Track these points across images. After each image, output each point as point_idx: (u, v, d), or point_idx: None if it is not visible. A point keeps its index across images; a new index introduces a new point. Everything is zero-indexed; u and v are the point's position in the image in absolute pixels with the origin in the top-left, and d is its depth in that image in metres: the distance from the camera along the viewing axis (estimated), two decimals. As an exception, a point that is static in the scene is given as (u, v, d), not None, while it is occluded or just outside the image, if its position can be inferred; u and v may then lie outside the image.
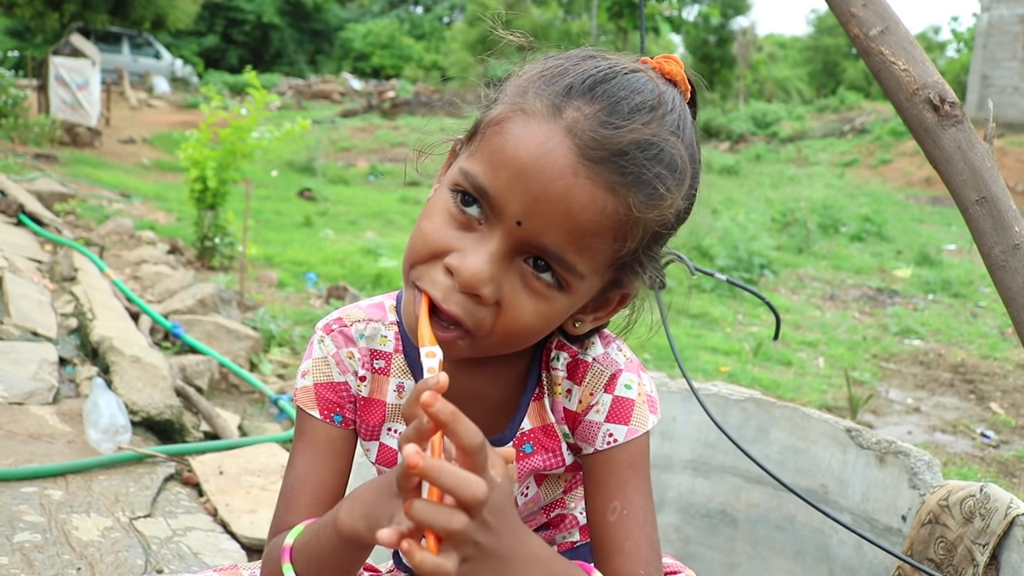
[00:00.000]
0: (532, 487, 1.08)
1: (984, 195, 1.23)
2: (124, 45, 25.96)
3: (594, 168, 0.81)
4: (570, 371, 1.03)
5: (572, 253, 0.84)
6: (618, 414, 1.01)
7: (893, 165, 16.41)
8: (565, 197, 0.81)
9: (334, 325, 1.07)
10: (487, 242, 0.84)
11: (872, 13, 1.27)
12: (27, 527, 1.96)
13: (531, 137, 0.82)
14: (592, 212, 0.81)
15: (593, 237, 0.83)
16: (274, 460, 2.58)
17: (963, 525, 1.47)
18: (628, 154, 0.81)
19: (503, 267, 0.84)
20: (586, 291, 0.89)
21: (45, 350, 3.08)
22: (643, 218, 0.84)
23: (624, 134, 0.81)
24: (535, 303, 0.86)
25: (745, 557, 1.91)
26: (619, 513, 0.99)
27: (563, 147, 0.81)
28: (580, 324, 0.96)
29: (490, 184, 0.83)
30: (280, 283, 5.81)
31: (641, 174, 0.82)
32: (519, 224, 0.82)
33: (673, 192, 0.85)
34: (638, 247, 0.87)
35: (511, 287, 0.85)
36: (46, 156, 10.70)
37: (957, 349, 5.48)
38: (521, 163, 0.82)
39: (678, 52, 36.22)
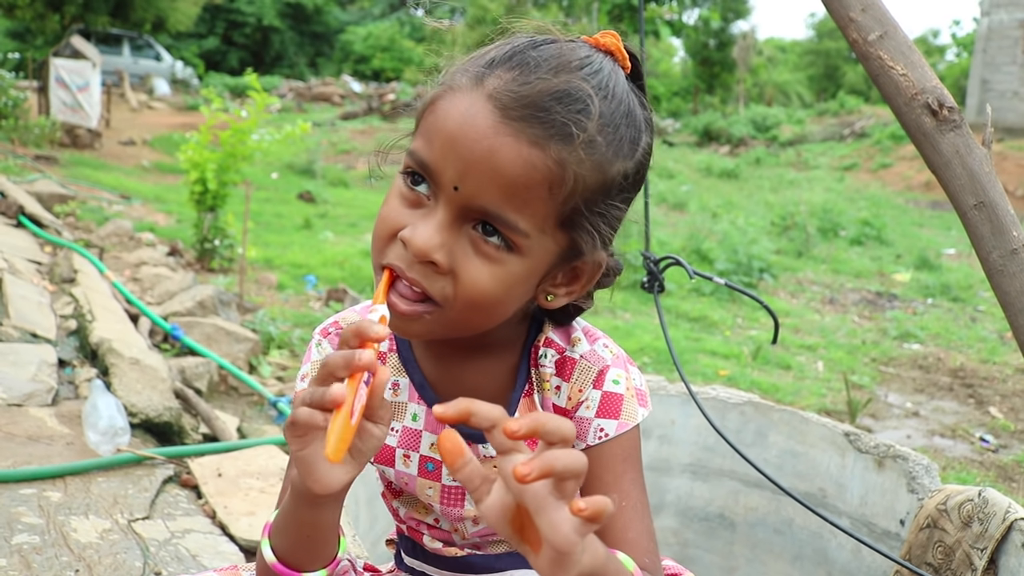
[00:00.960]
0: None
1: (982, 200, 1.23)
2: (125, 47, 25.96)
3: (515, 125, 0.84)
4: (558, 368, 1.05)
5: (511, 211, 0.86)
6: (608, 409, 1.03)
7: (893, 169, 16.42)
8: (491, 156, 0.84)
9: (330, 328, 1.11)
10: (434, 213, 0.88)
11: (871, 18, 1.27)
12: (25, 529, 1.95)
13: (456, 107, 0.87)
14: (520, 167, 0.84)
15: (527, 192, 0.85)
16: (273, 462, 2.58)
17: (961, 529, 1.47)
18: (546, 107, 0.84)
19: (452, 234, 0.88)
20: (539, 253, 0.90)
21: (44, 352, 3.08)
22: (575, 170, 0.86)
23: (539, 87, 0.85)
24: (489, 267, 0.89)
25: (743, 561, 1.91)
26: (618, 505, 1.01)
27: (484, 111, 0.86)
28: (552, 297, 0.97)
29: (427, 156, 0.88)
30: (280, 285, 5.82)
31: (564, 126, 0.84)
32: (456, 189, 0.86)
33: (601, 143, 0.87)
34: (580, 203, 0.88)
35: (463, 253, 0.88)
36: (46, 158, 10.70)
37: (956, 353, 5.48)
38: (449, 132, 0.87)
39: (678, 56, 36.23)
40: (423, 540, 1.15)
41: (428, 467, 1.08)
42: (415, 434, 1.08)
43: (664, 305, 6.39)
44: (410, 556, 1.19)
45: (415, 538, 1.16)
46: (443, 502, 1.09)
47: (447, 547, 1.14)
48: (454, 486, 1.08)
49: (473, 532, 1.11)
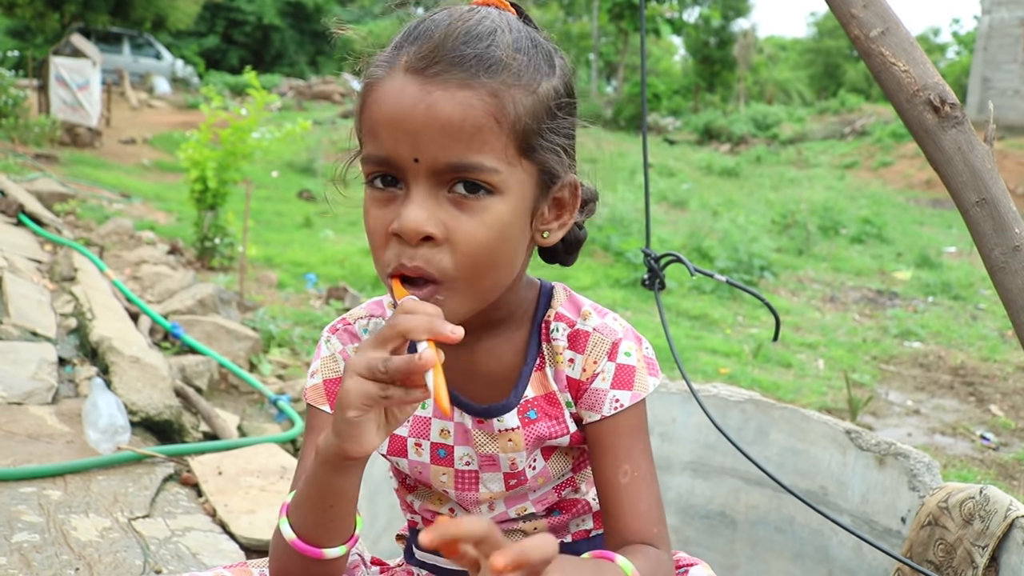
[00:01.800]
0: (539, 460, 1.10)
1: (984, 196, 1.23)
2: (125, 45, 25.94)
3: (439, 79, 0.89)
4: (571, 341, 1.07)
5: (472, 154, 0.89)
6: (622, 380, 1.05)
7: (893, 167, 16.40)
8: (432, 114, 0.88)
9: (339, 325, 1.13)
10: (409, 195, 0.91)
11: (872, 14, 1.27)
12: (25, 527, 1.95)
13: (383, 94, 0.92)
14: (460, 111, 0.88)
15: (478, 131, 0.89)
16: (273, 461, 2.58)
17: (962, 527, 1.47)
18: (458, 51, 0.90)
19: (434, 203, 0.91)
20: (516, 186, 0.93)
21: (44, 350, 3.08)
22: (507, 93, 0.90)
23: (445, 41, 0.90)
24: (479, 218, 0.91)
25: (744, 559, 1.90)
26: (630, 476, 1.05)
27: (407, 81, 0.90)
28: (548, 234, 1.01)
29: (379, 150, 0.92)
30: (280, 284, 5.81)
31: (479, 61, 0.90)
32: (417, 161, 0.90)
33: (519, 65, 0.92)
34: (529, 124, 0.92)
35: (451, 216, 0.91)
36: (46, 156, 10.70)
37: (957, 351, 5.48)
38: (386, 116, 0.91)
39: (679, 54, 36.21)
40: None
41: (440, 453, 1.10)
42: (425, 422, 1.10)
43: (665, 303, 6.40)
44: (421, 549, 1.19)
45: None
46: (457, 487, 1.10)
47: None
48: (467, 470, 1.09)
49: (490, 518, 1.11)
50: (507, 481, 1.10)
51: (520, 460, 1.08)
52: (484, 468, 1.09)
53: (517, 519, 1.14)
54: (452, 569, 1.17)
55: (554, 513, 1.16)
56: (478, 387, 1.08)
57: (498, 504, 1.12)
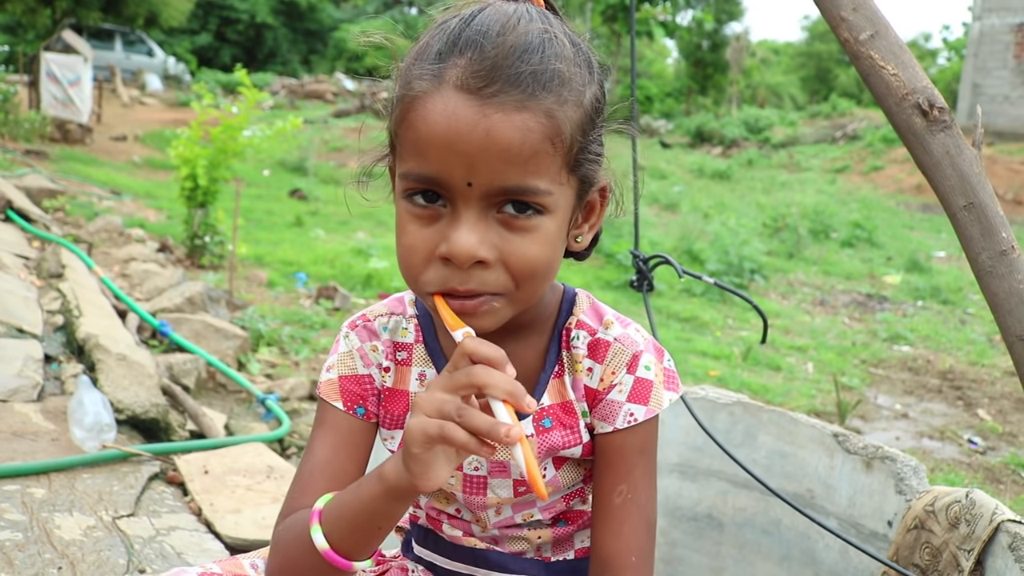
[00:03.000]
0: (551, 469, 1.09)
1: (972, 201, 1.23)
2: (117, 42, 25.84)
3: (496, 100, 0.86)
4: (591, 350, 1.06)
5: (530, 178, 0.88)
6: (639, 394, 1.04)
7: (884, 172, 16.46)
8: (490, 138, 0.85)
9: (358, 321, 1.12)
10: (458, 217, 0.89)
11: (862, 17, 1.27)
12: (8, 525, 1.94)
13: (433, 112, 0.87)
14: (519, 134, 0.86)
15: (534, 155, 0.87)
16: (260, 460, 2.57)
17: (949, 531, 1.47)
18: (513, 69, 0.86)
19: (484, 226, 0.89)
20: (564, 203, 0.93)
21: (30, 347, 3.06)
22: (561, 112, 0.88)
23: (496, 56, 0.86)
24: (531, 237, 0.90)
25: (731, 561, 1.90)
26: (624, 497, 1.04)
27: (461, 101, 0.86)
28: (580, 239, 1.01)
29: (428, 170, 0.89)
30: (270, 282, 5.79)
31: (535, 79, 0.87)
32: (470, 185, 0.87)
33: (568, 78, 0.89)
34: (577, 139, 0.91)
35: (502, 238, 0.90)
36: (36, 152, 10.64)
37: (945, 355, 5.50)
38: (438, 136, 0.87)
39: (671, 56, 36.29)
40: (442, 528, 1.15)
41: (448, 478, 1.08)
42: None
43: (655, 305, 6.41)
44: (421, 545, 1.19)
45: (434, 527, 1.17)
46: (465, 491, 1.09)
47: (466, 536, 1.14)
48: (476, 475, 1.08)
49: (495, 522, 1.12)
50: (516, 488, 1.09)
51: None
52: (494, 474, 1.08)
53: (522, 525, 1.13)
54: (449, 570, 1.16)
55: (560, 524, 1.15)
56: None
57: (505, 509, 1.11)
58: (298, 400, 3.50)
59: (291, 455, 2.89)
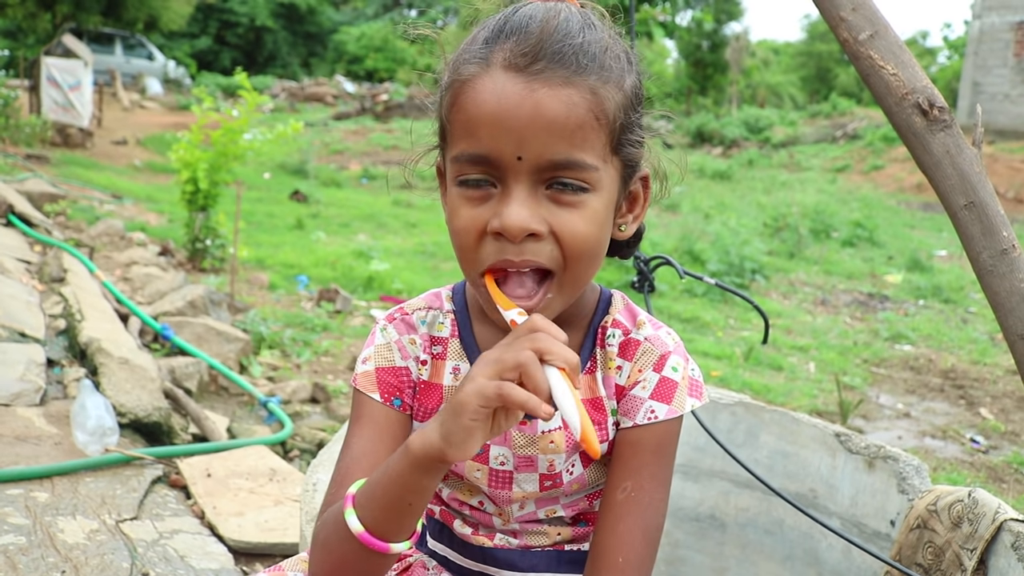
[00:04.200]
0: (578, 466, 1.09)
1: (972, 200, 1.23)
2: (117, 46, 25.85)
3: (542, 77, 0.90)
4: (622, 348, 1.08)
5: (577, 151, 0.92)
6: (662, 393, 1.05)
7: (885, 171, 16.45)
8: (538, 112, 0.90)
9: (396, 314, 1.13)
10: (509, 193, 0.93)
11: (861, 17, 1.27)
12: (12, 529, 1.94)
13: (482, 92, 0.92)
14: (565, 108, 0.90)
15: (581, 129, 0.91)
16: (262, 463, 2.57)
17: (951, 530, 1.47)
18: (557, 49, 0.91)
19: (535, 201, 0.92)
20: (609, 183, 0.97)
21: (33, 351, 3.06)
22: (604, 90, 0.93)
23: (541, 38, 0.91)
24: (579, 213, 0.94)
25: (734, 561, 1.90)
26: (627, 494, 1.03)
27: (510, 79, 0.91)
28: (625, 227, 1.05)
29: (479, 148, 0.92)
30: (271, 285, 5.80)
31: (577, 59, 0.92)
32: (520, 159, 0.91)
33: (609, 62, 0.94)
34: (619, 118, 0.96)
35: (552, 213, 0.93)
36: (37, 157, 10.65)
37: (947, 354, 5.49)
38: (489, 114, 0.91)
39: (671, 57, 36.27)
40: (453, 524, 1.15)
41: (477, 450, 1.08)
42: None
43: (656, 306, 6.40)
44: (435, 539, 1.20)
45: (446, 521, 1.17)
46: (491, 484, 1.10)
47: (476, 534, 1.14)
48: (502, 470, 1.09)
49: (518, 516, 1.12)
50: (542, 482, 1.09)
51: (559, 462, 1.08)
52: (520, 468, 1.09)
53: (544, 520, 1.13)
54: (462, 566, 1.16)
55: (581, 523, 1.15)
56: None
57: (528, 504, 1.12)
58: (300, 403, 3.50)
59: (293, 458, 2.89)
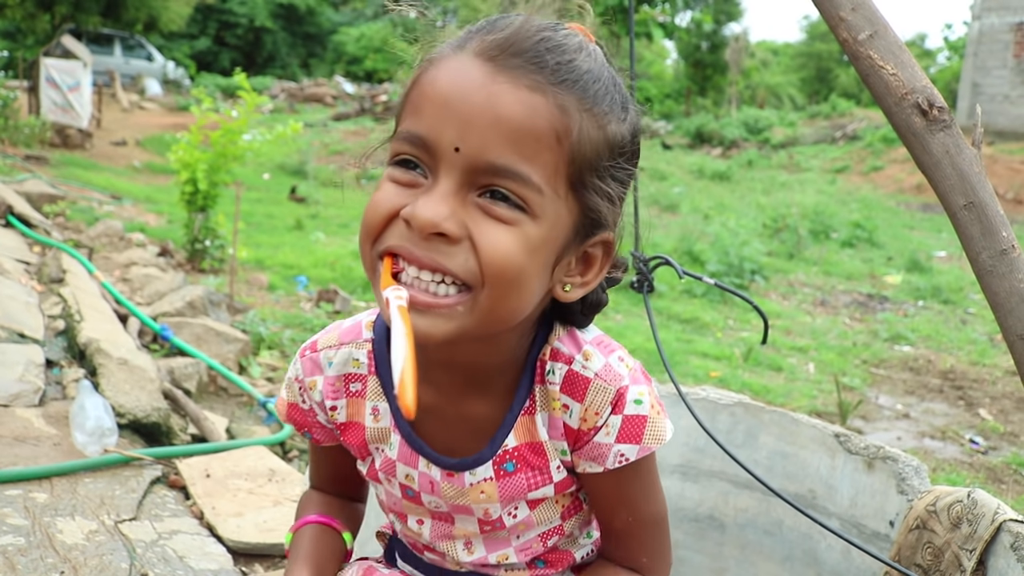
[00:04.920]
0: (523, 509, 1.02)
1: (972, 200, 1.23)
2: (116, 47, 25.86)
3: (510, 72, 0.80)
4: (568, 385, 0.95)
5: (520, 161, 0.80)
6: (629, 434, 0.95)
7: (884, 172, 16.46)
8: (491, 103, 0.79)
9: (307, 351, 1.05)
10: (436, 185, 0.81)
11: (861, 17, 1.27)
12: (10, 530, 1.94)
13: (444, 71, 0.83)
14: (522, 111, 0.79)
15: (534, 140, 0.80)
16: (262, 463, 2.57)
17: (951, 531, 1.47)
18: (538, 54, 0.81)
19: (459, 202, 0.81)
20: (554, 219, 0.83)
21: (31, 352, 3.06)
22: (578, 116, 0.82)
23: (526, 37, 0.82)
24: (506, 231, 0.80)
25: (733, 562, 1.90)
26: (626, 521, 1.02)
27: (475, 65, 0.81)
28: (570, 288, 0.90)
29: (420, 127, 0.82)
30: (270, 286, 5.79)
31: (559, 72, 0.81)
32: (457, 150, 0.80)
33: (596, 94, 0.84)
34: (589, 159, 0.83)
35: (474, 220, 0.81)
36: (36, 158, 10.64)
37: (947, 355, 5.50)
38: (441, 93, 0.81)
39: (671, 58, 36.28)
40: (423, 554, 1.12)
41: (408, 493, 1.04)
42: (390, 462, 1.03)
43: (655, 307, 6.40)
44: (404, 560, 1.16)
45: (415, 550, 1.13)
46: (433, 517, 1.06)
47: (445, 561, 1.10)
48: (438, 511, 1.04)
49: (468, 561, 1.07)
50: (481, 526, 1.03)
51: (494, 510, 1.01)
52: (456, 511, 1.03)
53: (498, 566, 1.07)
54: None
55: (539, 564, 1.08)
56: (462, 431, 0.98)
57: (477, 546, 1.06)
58: (299, 403, 3.50)
59: (293, 458, 2.89)
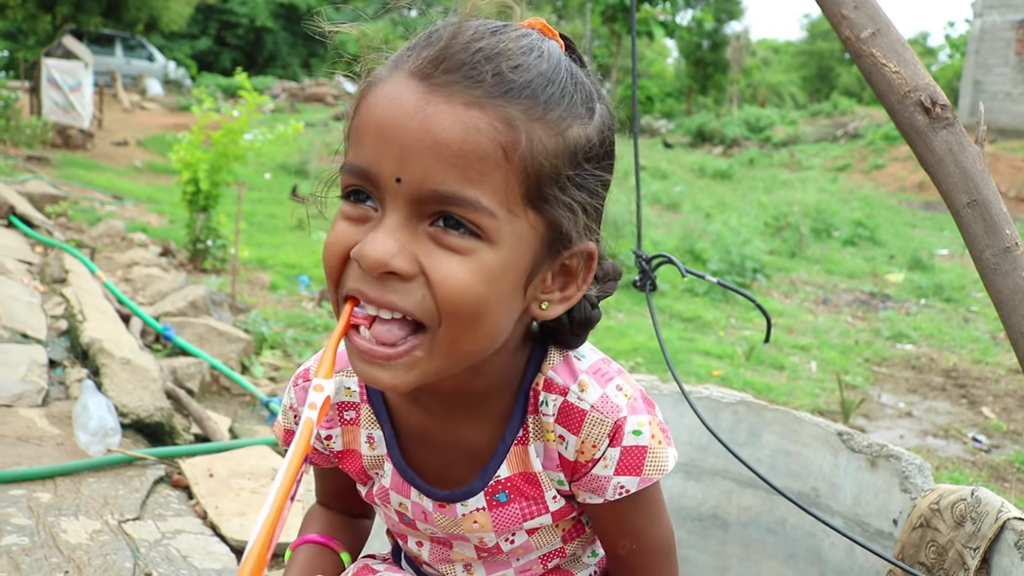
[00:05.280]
0: (521, 535, 1.01)
1: (975, 198, 1.23)
2: (117, 47, 25.88)
3: (444, 91, 0.75)
4: (563, 417, 0.92)
5: (466, 186, 0.75)
6: (629, 466, 0.92)
7: (886, 170, 16.45)
8: (427, 128, 0.74)
9: (299, 379, 1.03)
10: (383, 219, 0.78)
11: (864, 15, 1.27)
12: (15, 530, 1.94)
13: (379, 97, 0.79)
14: (460, 131, 0.74)
15: (478, 160, 0.75)
16: (264, 463, 2.57)
17: (954, 529, 1.47)
18: (475, 66, 0.76)
19: (408, 235, 0.77)
20: (514, 240, 0.78)
21: (34, 352, 3.07)
22: (527, 126, 0.76)
23: (463, 51, 0.76)
24: (461, 260, 0.76)
25: (736, 560, 1.90)
26: (629, 548, 1.01)
27: (409, 87, 0.77)
28: (547, 305, 0.85)
29: (361, 160, 0.79)
30: (272, 285, 5.80)
31: (499, 82, 0.76)
32: (399, 181, 0.76)
33: (547, 99, 0.78)
34: (546, 171, 0.78)
35: (427, 253, 0.77)
36: (38, 158, 10.65)
37: (949, 353, 5.49)
38: (376, 122, 0.77)
39: (672, 56, 36.27)
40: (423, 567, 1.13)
41: (404, 519, 1.04)
42: (384, 491, 1.03)
43: (658, 305, 6.41)
44: (408, 564, 1.16)
45: (418, 564, 1.14)
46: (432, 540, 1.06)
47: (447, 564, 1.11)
48: (435, 536, 1.03)
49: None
50: (478, 552, 1.02)
51: (489, 539, 1.00)
52: (452, 538, 1.02)
53: None
54: None
55: None
56: (447, 461, 0.97)
57: (476, 568, 1.05)
58: (302, 403, 3.51)
59: (295, 458, 2.90)
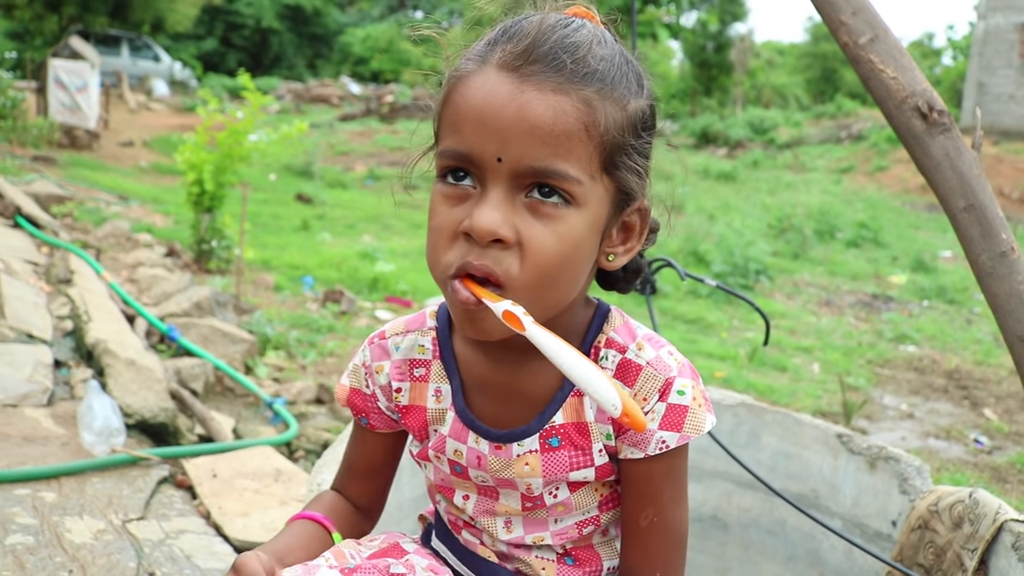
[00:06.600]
0: (563, 490, 1.07)
1: (972, 202, 1.24)
2: (123, 48, 25.92)
3: (533, 80, 0.89)
4: (621, 371, 1.02)
5: (558, 160, 0.89)
6: (672, 422, 1.00)
7: (890, 172, 16.42)
8: (523, 114, 0.88)
9: (376, 338, 1.13)
10: (486, 195, 0.90)
11: (862, 21, 1.28)
12: (19, 529, 1.96)
13: (472, 88, 0.91)
14: (552, 114, 0.88)
15: (567, 138, 0.89)
16: (268, 463, 2.58)
17: (952, 530, 1.48)
18: (555, 57, 0.90)
19: (510, 207, 0.90)
20: (594, 202, 0.93)
21: (40, 352, 3.08)
22: (600, 104, 0.91)
23: (541, 44, 0.90)
24: (552, 227, 0.90)
25: (736, 562, 1.91)
26: (650, 520, 1.04)
27: (500, 78, 0.90)
28: (613, 257, 1.00)
29: (462, 145, 0.91)
30: (277, 286, 5.81)
31: (576, 69, 0.90)
32: (500, 160, 0.89)
33: (613, 80, 0.92)
34: (616, 140, 0.93)
35: (525, 222, 0.90)
36: (44, 158, 10.68)
37: (951, 355, 5.49)
38: (475, 110, 0.90)
39: (676, 58, 36.25)
40: (461, 533, 1.16)
41: (456, 469, 1.09)
42: (442, 439, 1.09)
43: (660, 307, 6.42)
44: (440, 540, 1.19)
45: (454, 530, 1.18)
46: (479, 492, 1.10)
47: (481, 546, 1.14)
48: (484, 485, 1.09)
49: (505, 539, 1.10)
50: (523, 502, 1.08)
51: (536, 485, 1.06)
52: (501, 485, 1.08)
53: (532, 547, 1.11)
54: (463, 570, 1.16)
55: (567, 560, 1.12)
56: (510, 408, 1.06)
57: (516, 524, 1.10)
58: (305, 403, 3.52)
59: (299, 458, 2.91)
